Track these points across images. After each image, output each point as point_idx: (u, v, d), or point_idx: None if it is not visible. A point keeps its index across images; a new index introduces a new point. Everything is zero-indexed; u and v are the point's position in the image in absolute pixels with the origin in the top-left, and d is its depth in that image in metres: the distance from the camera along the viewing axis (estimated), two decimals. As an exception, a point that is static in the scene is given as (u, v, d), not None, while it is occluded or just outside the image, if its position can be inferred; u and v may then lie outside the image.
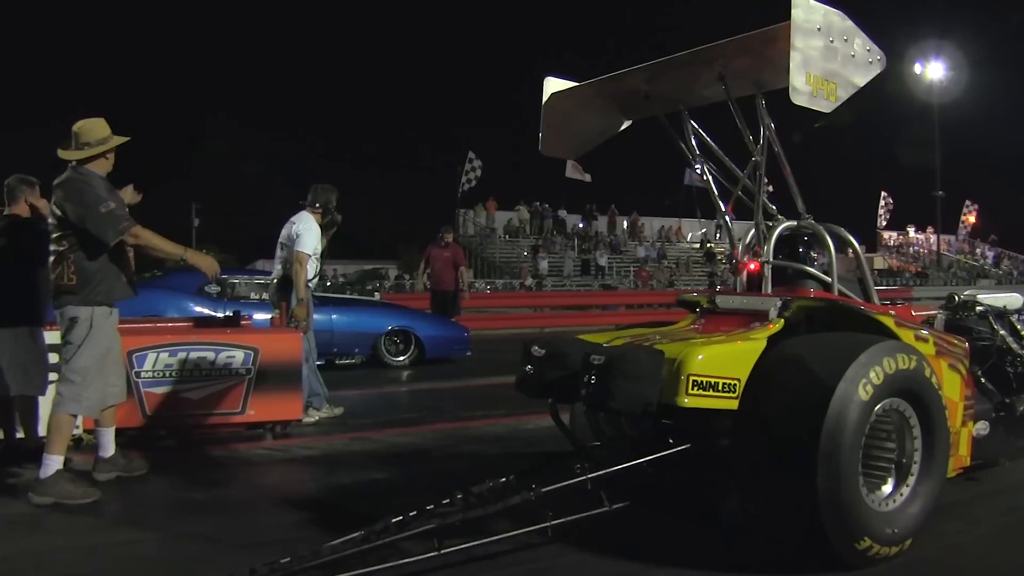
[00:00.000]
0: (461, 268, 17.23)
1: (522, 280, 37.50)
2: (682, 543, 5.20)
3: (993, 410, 6.56)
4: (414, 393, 13.22)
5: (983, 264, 60.39)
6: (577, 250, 45.27)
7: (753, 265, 5.78)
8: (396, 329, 15.40)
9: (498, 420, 9.40)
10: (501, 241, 45.82)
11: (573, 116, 6.39)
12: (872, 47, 5.33)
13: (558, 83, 6.29)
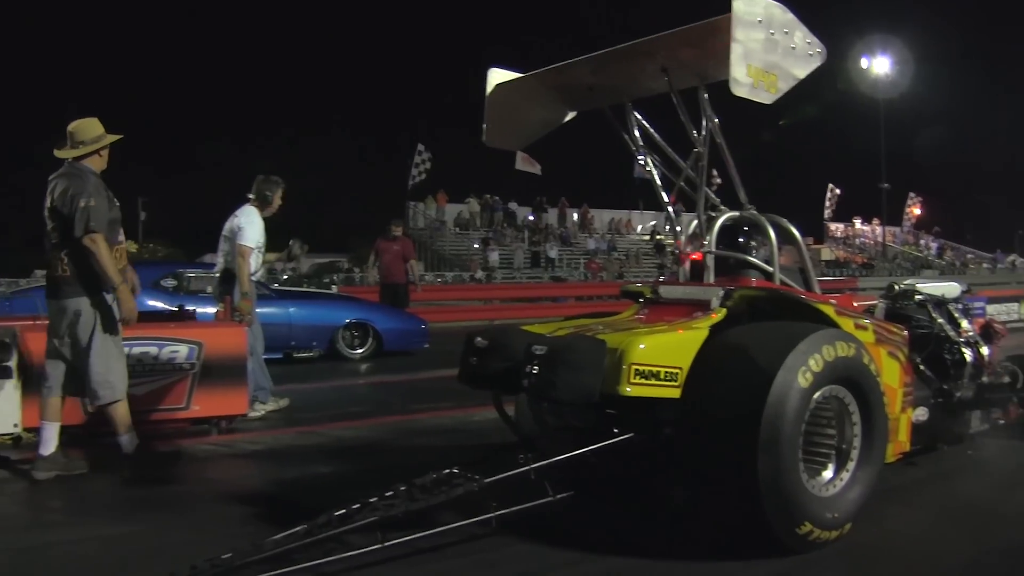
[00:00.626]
0: (411, 261, 17.14)
1: (472, 273, 37.44)
2: (626, 531, 5.25)
3: (932, 396, 6.67)
4: (365, 386, 13.20)
5: (927, 255, 61.21)
6: (527, 242, 45.25)
7: (696, 255, 5.83)
8: (354, 322, 15.30)
9: (446, 413, 9.40)
10: (451, 234, 45.70)
11: (517, 107, 6.39)
12: (812, 40, 5.38)
13: (502, 74, 6.30)
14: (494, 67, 6.31)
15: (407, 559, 4.59)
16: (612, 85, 6.02)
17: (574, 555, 4.81)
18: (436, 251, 43.05)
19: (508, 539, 4.93)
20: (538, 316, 22.94)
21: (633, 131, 6.05)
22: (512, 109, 6.39)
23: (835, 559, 4.77)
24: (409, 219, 43.62)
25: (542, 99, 6.40)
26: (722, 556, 4.74)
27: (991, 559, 4.89)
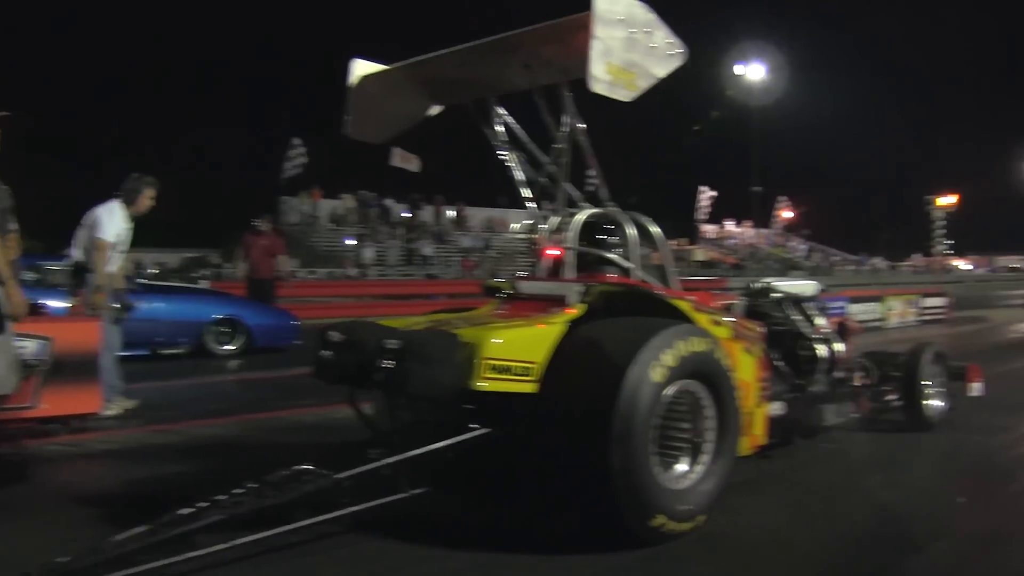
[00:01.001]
0: (279, 256, 16.91)
1: (345, 269, 37.19)
2: (482, 527, 5.26)
3: (788, 391, 6.81)
4: (229, 383, 12.98)
5: (795, 257, 62.66)
6: (402, 239, 45.12)
7: (556, 251, 5.86)
8: (223, 318, 14.95)
9: (308, 410, 9.25)
10: (325, 230, 45.31)
11: (381, 100, 6.35)
12: (674, 40, 5.45)
13: (366, 65, 6.25)
14: (358, 58, 6.26)
15: (256, 559, 4.49)
16: (476, 80, 6.01)
17: (427, 552, 4.79)
18: (310, 247, 42.56)
19: (361, 537, 4.90)
20: (411, 313, 22.83)
21: (496, 126, 6.05)
22: (375, 101, 6.34)
23: (688, 550, 4.82)
24: (282, 215, 43.15)
25: (406, 92, 6.36)
26: (575, 550, 4.76)
27: (838, 545, 5.03)
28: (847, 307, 20.19)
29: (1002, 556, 4.94)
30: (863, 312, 21.28)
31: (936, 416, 8.22)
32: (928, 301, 25.45)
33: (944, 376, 8.47)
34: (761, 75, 55.29)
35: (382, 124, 6.61)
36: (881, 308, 22.53)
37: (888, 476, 6.58)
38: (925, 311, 24.76)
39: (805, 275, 44.71)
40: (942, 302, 26.22)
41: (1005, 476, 6.72)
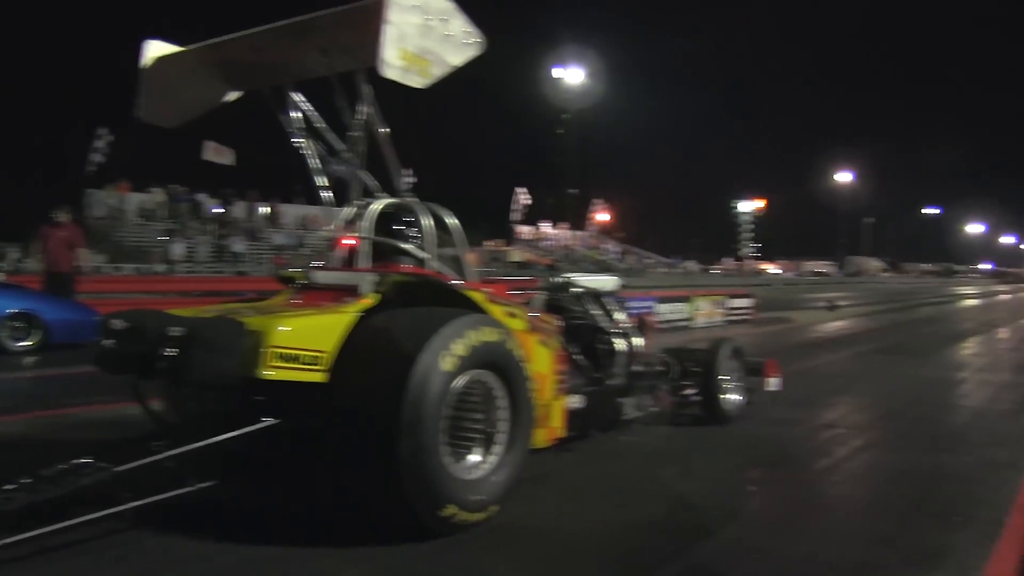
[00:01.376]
0: (78, 249, 16.32)
1: (153, 265, 36.23)
2: (270, 519, 5.15)
3: (586, 384, 6.87)
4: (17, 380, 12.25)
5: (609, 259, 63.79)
6: (214, 236, 44.19)
7: (350, 240, 5.77)
8: (18, 312, 14.22)
9: (103, 407, 8.87)
10: (133, 224, 43.97)
11: (175, 83, 6.15)
12: (471, 29, 5.45)
13: (160, 47, 6.04)
14: (152, 39, 6.05)
15: (31, 559, 4.30)
16: (272, 65, 5.89)
17: (212, 546, 4.65)
18: (116, 242, 41.25)
19: (145, 533, 4.73)
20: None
21: (292, 113, 5.93)
22: (170, 84, 6.15)
23: (480, 540, 4.83)
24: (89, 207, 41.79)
25: (201, 76, 6.18)
26: (366, 541, 4.71)
27: (631, 533, 5.09)
28: (655, 306, 20.58)
29: (788, 539, 5.08)
30: (671, 312, 21.73)
31: (734, 410, 8.43)
32: (735, 302, 26.13)
33: (742, 371, 8.69)
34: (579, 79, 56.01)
35: (177, 108, 6.39)
36: (689, 308, 23.02)
37: (684, 467, 6.70)
38: (732, 312, 25.42)
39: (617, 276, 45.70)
40: (748, 303, 26.98)
41: (797, 466, 6.94)
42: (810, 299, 42.06)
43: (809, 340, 20.14)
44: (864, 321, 27.92)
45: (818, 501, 5.99)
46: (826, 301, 37.20)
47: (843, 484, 6.37)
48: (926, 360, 15.48)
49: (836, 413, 9.34)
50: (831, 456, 7.18)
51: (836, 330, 23.69)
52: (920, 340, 20.34)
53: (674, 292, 26.72)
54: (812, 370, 13.34)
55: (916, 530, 5.23)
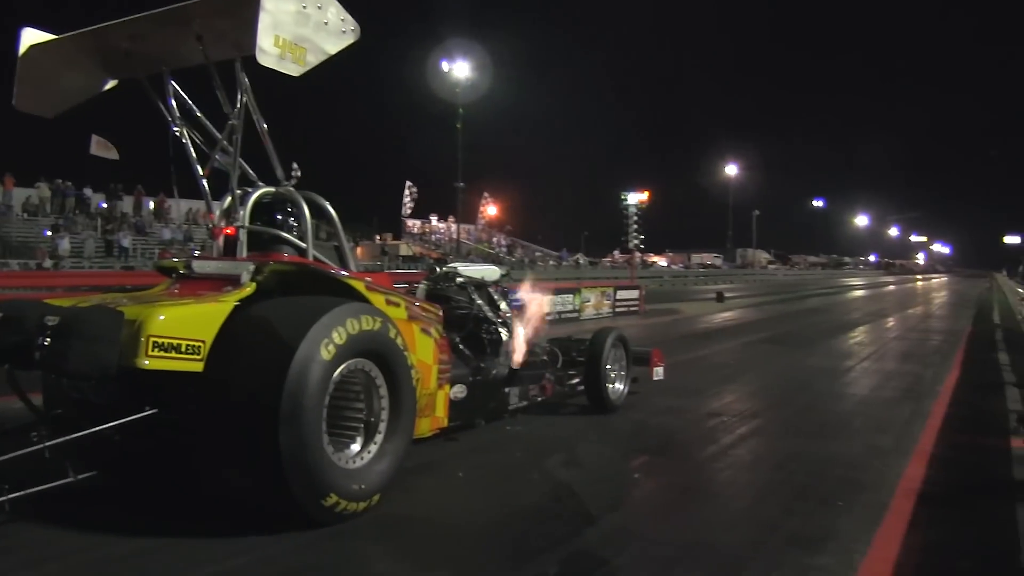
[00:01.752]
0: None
1: (39, 261, 35.42)
2: (152, 511, 5.10)
3: (470, 374, 6.90)
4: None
5: (498, 252, 63.93)
6: (100, 231, 43.33)
7: (229, 230, 5.72)
8: None
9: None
10: (19, 220, 42.89)
11: (52, 71, 6.02)
12: (347, 17, 5.44)
13: (36, 35, 5.91)
14: (27, 26, 5.92)
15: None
16: (150, 52, 5.79)
17: (95, 537, 4.60)
18: (1, 237, 40.30)
19: (25, 524, 4.67)
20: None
21: (169, 101, 5.84)
22: (46, 73, 6.01)
23: (363, 529, 4.84)
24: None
25: (79, 64, 6.06)
26: (249, 531, 4.69)
27: (514, 521, 5.15)
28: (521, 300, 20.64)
29: (672, 526, 5.17)
30: (559, 304, 21.85)
31: (618, 399, 8.54)
32: (622, 294, 26.38)
33: (626, 360, 8.77)
34: (466, 73, 55.87)
35: (54, 97, 6.24)
36: (576, 300, 23.19)
37: (569, 456, 6.77)
38: (619, 303, 25.64)
39: (505, 268, 45.90)
40: (635, 295, 27.25)
41: (683, 454, 7.05)
42: (698, 291, 42.65)
43: (697, 331, 20.40)
44: (752, 312, 28.44)
45: (703, 488, 6.07)
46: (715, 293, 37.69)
47: (728, 471, 6.47)
48: (813, 349, 15.82)
49: (723, 402, 9.49)
50: (717, 444, 7.30)
51: (724, 321, 24.07)
52: (807, 330, 20.75)
53: (561, 284, 26.90)
54: (700, 360, 13.57)
55: (801, 515, 5.34)
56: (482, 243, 65.74)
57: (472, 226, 67.41)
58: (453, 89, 55.50)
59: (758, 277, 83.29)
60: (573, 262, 65.32)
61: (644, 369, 9.24)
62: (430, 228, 66.29)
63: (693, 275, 74.97)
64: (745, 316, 26.24)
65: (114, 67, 6.17)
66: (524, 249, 67.70)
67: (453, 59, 55.25)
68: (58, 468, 4.61)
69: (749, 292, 46.14)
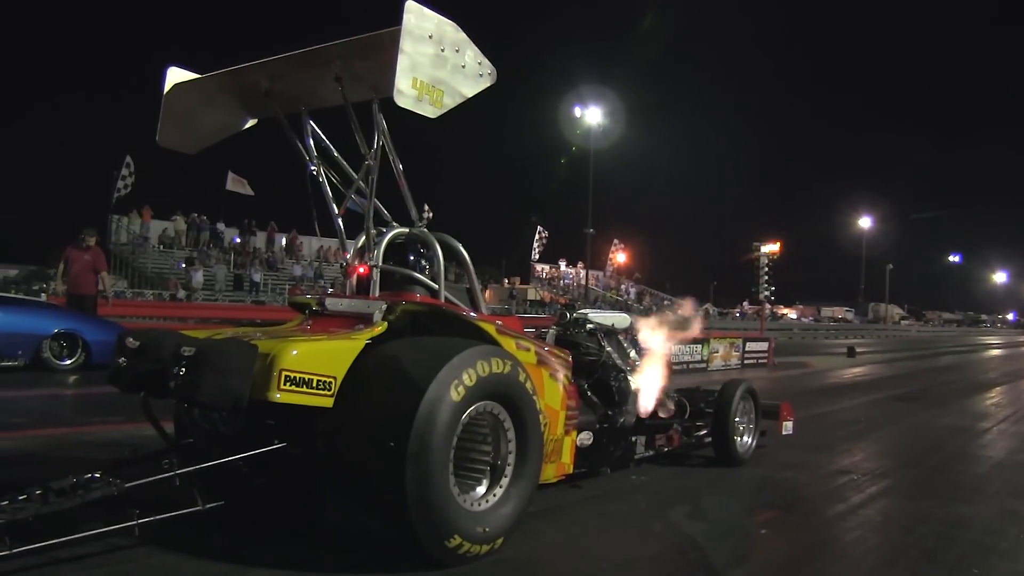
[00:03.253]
0: (102, 273, 16.44)
1: (172, 292, 36.43)
2: (274, 543, 5.14)
3: (597, 421, 6.85)
4: (33, 398, 12.27)
5: (626, 299, 63.77)
6: (232, 265, 44.40)
7: (362, 269, 5.80)
8: (62, 332, 14.72)
9: (116, 426, 8.97)
10: (155, 251, 44.24)
11: (194, 109, 6.21)
12: (484, 61, 5.48)
13: (181, 73, 6.11)
14: (172, 65, 6.11)
15: (41, 569, 4.34)
16: (289, 92, 5.92)
17: (216, 566, 4.67)
18: (137, 268, 41.50)
19: (150, 550, 4.75)
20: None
21: (308, 141, 5.96)
22: (189, 111, 6.21)
23: (485, 572, 4.80)
24: (111, 233, 42.11)
25: (220, 102, 6.24)
26: (370, 567, 4.72)
27: (637, 571, 5.06)
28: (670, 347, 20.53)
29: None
30: (686, 353, 21.68)
31: (746, 452, 8.39)
32: (751, 346, 26.09)
33: (755, 413, 8.64)
34: (598, 119, 55.94)
35: (196, 134, 6.44)
36: (704, 350, 22.99)
37: (693, 508, 6.65)
38: (748, 355, 25.36)
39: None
40: (764, 347, 26.92)
41: (808, 510, 6.87)
42: (828, 344, 41.92)
43: (827, 385, 20.04)
44: (884, 368, 27.80)
45: (830, 548, 5.87)
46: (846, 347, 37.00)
47: (856, 531, 6.23)
48: (946, 409, 15.31)
49: (852, 459, 9.22)
50: (845, 502, 7.07)
51: (855, 376, 23.55)
52: (941, 388, 20.14)
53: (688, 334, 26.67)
54: (829, 415, 13.29)
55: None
56: (610, 290, 65.64)
57: (601, 272, 67.39)
58: (584, 134, 55.57)
59: (890, 332, 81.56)
60: (702, 311, 64.88)
61: (772, 423, 9.10)
62: (558, 273, 66.47)
63: (823, 328, 73.84)
64: (876, 372, 25.67)
65: (254, 106, 6.33)
66: (652, 297, 67.37)
67: (585, 105, 55.34)
68: (186, 496, 4.68)
69: (881, 347, 45.24)
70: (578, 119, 55.77)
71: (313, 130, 6.00)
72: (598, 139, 56.20)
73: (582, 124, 55.64)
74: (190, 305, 33.44)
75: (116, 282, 36.26)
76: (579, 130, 55.75)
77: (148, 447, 5.91)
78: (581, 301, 56.83)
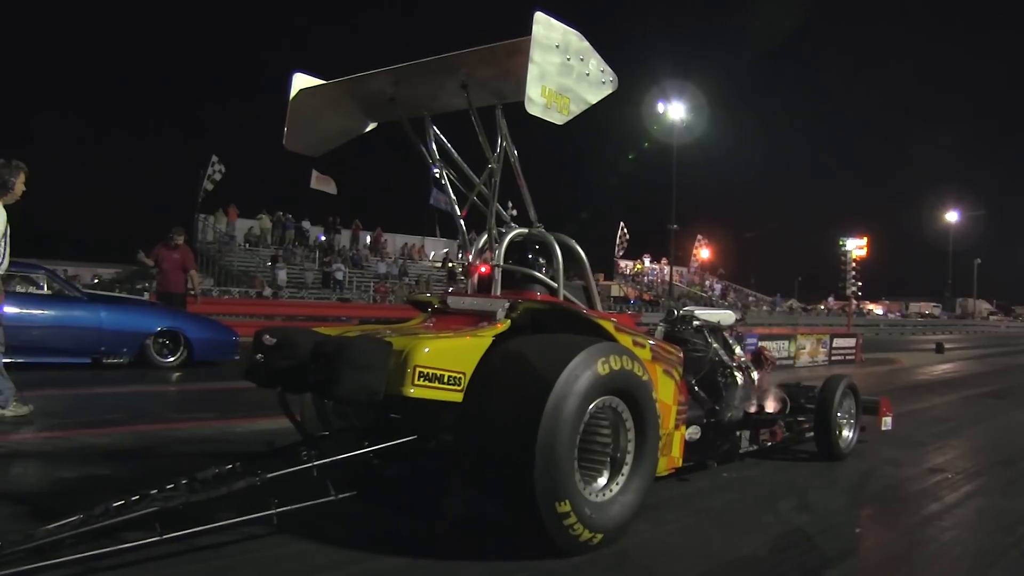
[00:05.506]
0: (191, 271, 16.84)
1: (259, 290, 36.90)
2: (403, 533, 5.35)
3: (705, 416, 6.98)
4: (128, 394, 12.40)
5: (711, 295, 63.48)
6: (318, 263, 44.88)
7: (484, 268, 5.99)
8: (165, 330, 15.21)
9: (208, 423, 9.35)
10: (240, 249, 44.87)
11: (318, 114, 6.42)
12: (606, 69, 5.63)
13: (306, 79, 6.32)
14: (298, 72, 6.33)
15: (185, 556, 4.55)
16: (413, 98, 6.12)
17: (349, 554, 4.85)
18: (224, 266, 42.13)
19: (288, 537, 4.96)
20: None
21: (431, 145, 6.15)
22: (314, 115, 6.42)
23: (604, 560, 4.93)
24: (198, 232, 42.80)
25: (344, 107, 6.44)
26: (495, 557, 4.86)
27: (739, 566, 5.14)
28: (758, 343, 20.53)
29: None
30: (772, 350, 21.61)
31: (847, 447, 8.44)
32: (838, 342, 25.90)
33: (856, 408, 8.70)
34: (681, 114, 55.72)
35: (318, 138, 6.67)
36: (791, 347, 22.90)
37: (795, 503, 6.71)
38: (835, 352, 25.20)
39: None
40: (852, 343, 26.72)
41: (907, 508, 6.89)
42: (916, 341, 41.35)
43: (917, 382, 19.86)
44: (973, 365, 27.47)
45: (928, 547, 5.84)
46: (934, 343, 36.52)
47: (954, 531, 6.21)
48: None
49: (946, 457, 9.18)
50: (941, 501, 7.04)
51: (944, 373, 23.31)
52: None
53: (776, 330, 26.57)
54: (920, 412, 13.21)
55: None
56: (695, 286, 65.38)
57: (685, 268, 67.13)
58: (668, 130, 55.36)
59: (979, 328, 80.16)
60: (787, 307, 64.31)
61: (871, 418, 9.15)
62: (642, 269, 66.29)
63: (911, 324, 72.80)
64: (966, 368, 25.39)
65: (377, 111, 6.54)
66: (737, 293, 67.05)
67: (669, 100, 55.14)
68: (320, 486, 4.89)
69: (969, 344, 44.59)
70: (661, 114, 55.62)
71: (436, 134, 6.19)
72: (681, 134, 56.00)
73: (666, 119, 55.46)
74: (276, 303, 33.78)
75: (203, 280, 36.92)
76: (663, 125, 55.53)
77: (243, 443, 6.05)
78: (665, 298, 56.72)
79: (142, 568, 4.37)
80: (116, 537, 4.38)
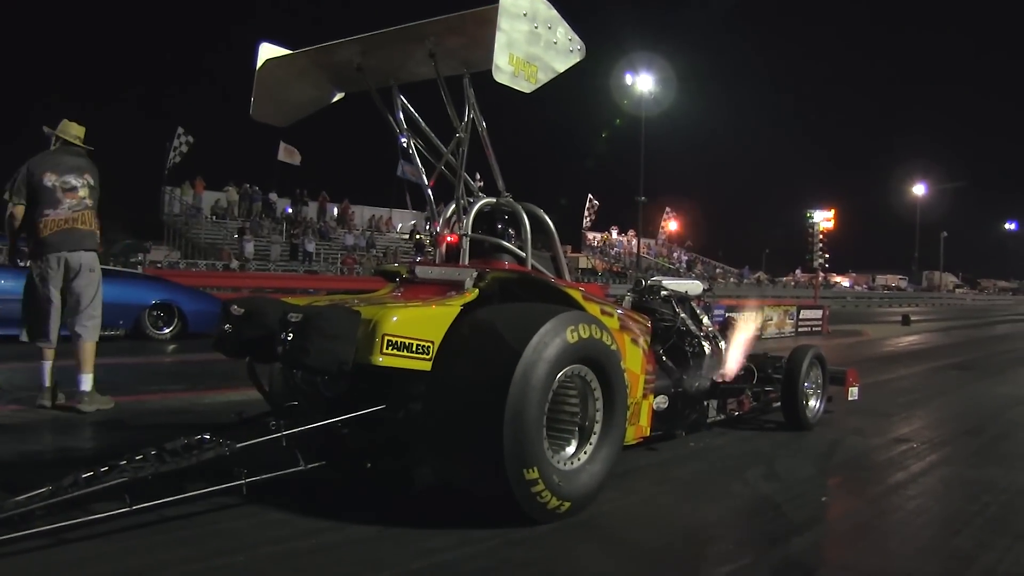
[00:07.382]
0: None
1: (226, 262, 36.77)
2: (373, 501, 5.38)
3: (672, 385, 7.02)
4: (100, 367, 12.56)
5: (678, 267, 63.73)
6: (285, 235, 44.75)
7: (452, 238, 5.98)
8: (159, 303, 15.50)
9: (176, 395, 9.40)
10: (207, 222, 44.71)
11: (286, 84, 6.37)
12: (574, 37, 5.62)
13: (273, 49, 6.27)
14: (264, 41, 6.29)
15: (154, 526, 4.57)
16: (380, 67, 6.08)
17: (318, 523, 4.87)
18: (191, 239, 42.02)
19: (257, 508, 4.98)
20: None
21: (398, 114, 6.13)
22: (281, 85, 6.37)
23: (572, 528, 4.98)
24: (165, 204, 42.63)
25: (311, 77, 6.40)
26: (464, 525, 4.88)
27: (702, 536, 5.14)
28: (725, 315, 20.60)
29: (858, 550, 5.05)
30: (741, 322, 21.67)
31: (814, 417, 8.53)
32: (805, 314, 26.08)
33: (823, 379, 8.77)
34: (649, 86, 55.66)
35: (286, 108, 6.63)
36: (758, 318, 22.98)
37: (765, 471, 6.77)
38: (802, 323, 25.37)
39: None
40: (818, 315, 26.90)
41: (872, 478, 6.94)
42: (883, 313, 41.65)
43: (883, 354, 20.05)
44: (939, 337, 27.73)
45: (893, 515, 5.88)
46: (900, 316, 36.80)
47: (919, 499, 6.27)
48: (1004, 377, 15.29)
49: (912, 427, 9.27)
50: (906, 471, 7.10)
51: (910, 345, 23.59)
52: (998, 357, 20.10)
53: (743, 301, 26.70)
54: (887, 384, 13.34)
55: (997, 549, 5.08)
56: (662, 258, 65.59)
57: (652, 240, 67.33)
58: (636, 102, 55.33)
59: (945, 301, 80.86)
60: (754, 279, 64.61)
61: (838, 388, 9.23)
62: (609, 241, 66.41)
63: (877, 297, 73.35)
64: (932, 340, 25.62)
65: (345, 80, 6.50)
66: (704, 265, 67.31)
67: (637, 72, 55.06)
68: (288, 457, 4.91)
69: (935, 316, 44.98)
70: (629, 86, 55.57)
71: (403, 104, 6.17)
72: (649, 106, 55.98)
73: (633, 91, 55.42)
74: (243, 275, 33.66)
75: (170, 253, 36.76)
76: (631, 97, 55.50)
77: (211, 414, 6.03)
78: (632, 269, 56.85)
79: (112, 539, 4.37)
80: (86, 508, 4.39)
